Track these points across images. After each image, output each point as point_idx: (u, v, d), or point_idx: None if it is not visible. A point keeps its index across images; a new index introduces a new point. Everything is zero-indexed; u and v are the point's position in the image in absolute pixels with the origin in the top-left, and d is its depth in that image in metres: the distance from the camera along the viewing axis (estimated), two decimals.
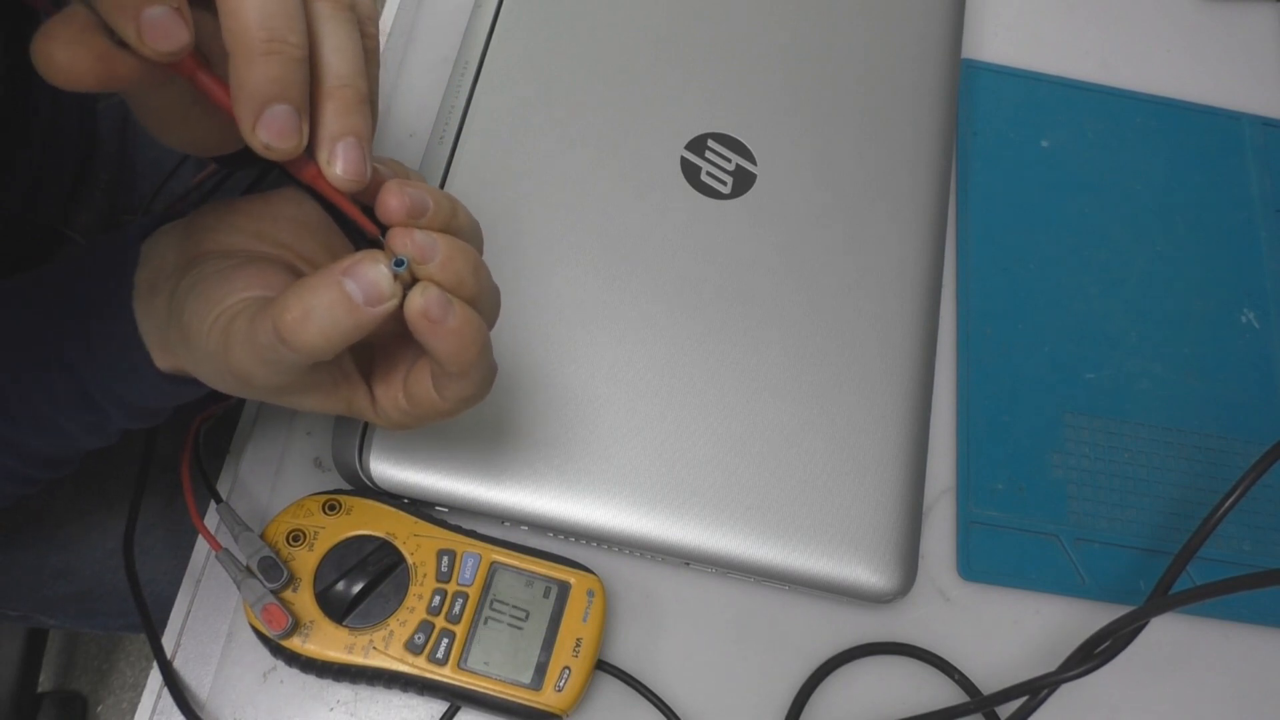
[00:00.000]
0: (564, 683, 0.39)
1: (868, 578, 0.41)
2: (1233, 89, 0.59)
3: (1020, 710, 0.40)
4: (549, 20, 0.48)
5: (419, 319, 0.28)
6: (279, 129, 0.26)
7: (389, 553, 0.40)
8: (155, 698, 0.40)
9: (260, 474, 0.44)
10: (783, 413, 0.43)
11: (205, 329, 0.30)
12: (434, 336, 0.28)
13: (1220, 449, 0.50)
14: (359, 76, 0.28)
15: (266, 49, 0.25)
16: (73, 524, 0.58)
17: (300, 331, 0.27)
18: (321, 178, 0.28)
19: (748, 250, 0.45)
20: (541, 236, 0.44)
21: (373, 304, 0.27)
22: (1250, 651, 0.46)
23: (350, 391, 0.32)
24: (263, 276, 0.31)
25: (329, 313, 0.26)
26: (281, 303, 0.27)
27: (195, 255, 0.33)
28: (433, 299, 0.28)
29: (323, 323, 0.26)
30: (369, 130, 0.28)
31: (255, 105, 0.26)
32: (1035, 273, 0.52)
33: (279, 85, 0.26)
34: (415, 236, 0.28)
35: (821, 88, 0.49)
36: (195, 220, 0.34)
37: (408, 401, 0.32)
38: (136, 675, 1.10)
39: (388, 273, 0.27)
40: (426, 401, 0.31)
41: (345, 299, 0.26)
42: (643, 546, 0.41)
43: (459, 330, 0.28)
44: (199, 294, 0.31)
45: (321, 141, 0.28)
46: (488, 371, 0.31)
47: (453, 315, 0.28)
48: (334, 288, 0.27)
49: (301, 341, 0.27)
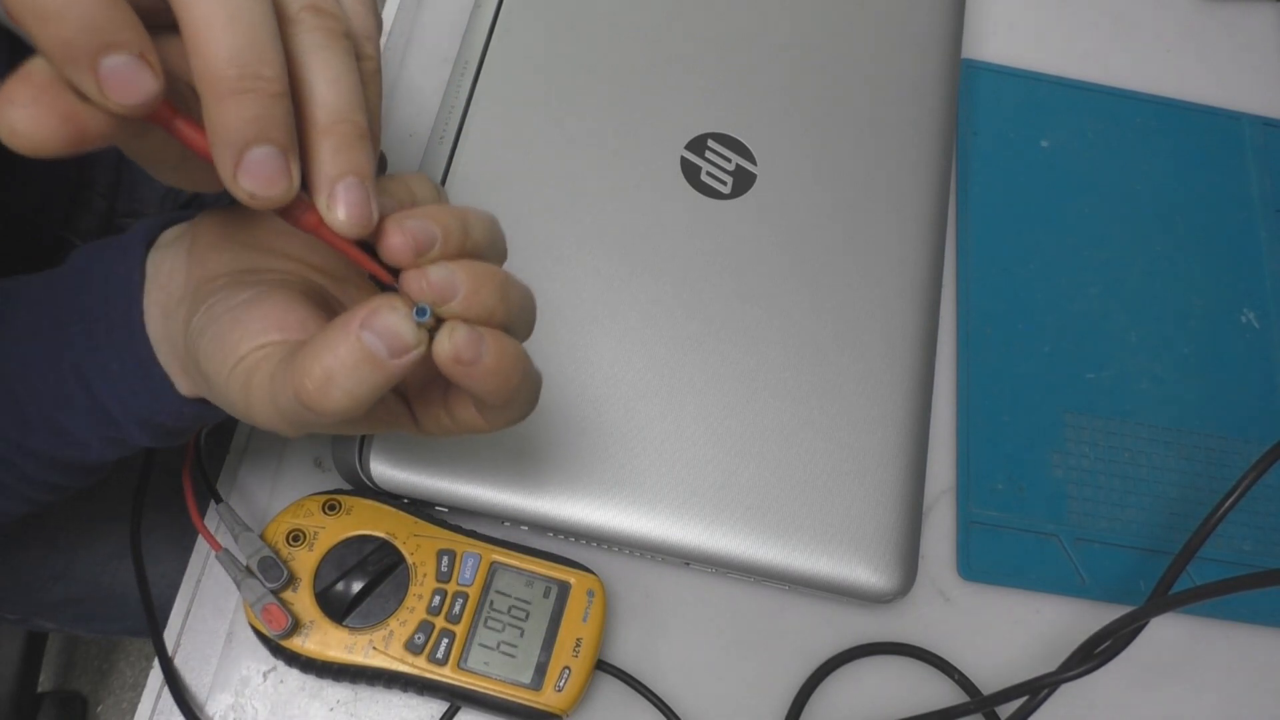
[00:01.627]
0: (564, 683, 0.39)
1: (868, 578, 0.41)
2: (1233, 89, 0.59)
3: (1020, 710, 0.40)
4: (549, 20, 0.48)
5: (452, 366, 0.26)
6: (263, 175, 0.24)
7: (389, 553, 0.40)
8: (155, 698, 0.40)
9: (260, 474, 0.44)
10: (783, 413, 0.43)
11: (224, 380, 0.28)
12: (471, 379, 0.26)
13: (1220, 449, 0.50)
14: (355, 109, 0.26)
15: (238, 86, 0.23)
16: (71, 528, 0.58)
17: (324, 400, 0.25)
18: (323, 225, 0.26)
19: (748, 250, 0.45)
20: (541, 236, 0.44)
21: (398, 355, 0.25)
22: (1250, 651, 0.46)
23: (390, 416, 0.31)
24: (277, 315, 0.28)
25: (353, 374, 0.24)
26: (301, 368, 0.25)
27: (203, 280, 0.30)
28: (462, 342, 0.25)
29: (347, 385, 0.24)
30: (371, 167, 0.26)
31: (233, 150, 0.24)
32: (1035, 273, 0.52)
33: (256, 126, 0.23)
34: (431, 277, 0.25)
35: (822, 88, 0.49)
36: (198, 235, 0.32)
37: (452, 423, 0.30)
38: (136, 675, 1.10)
39: (410, 320, 0.25)
40: (473, 424, 0.29)
41: (368, 356, 0.24)
42: (643, 546, 0.41)
43: (496, 367, 0.26)
44: (212, 339, 0.28)
45: (319, 185, 0.25)
46: (532, 393, 0.29)
47: (487, 353, 0.26)
48: (353, 345, 0.24)
49: (326, 408, 0.25)
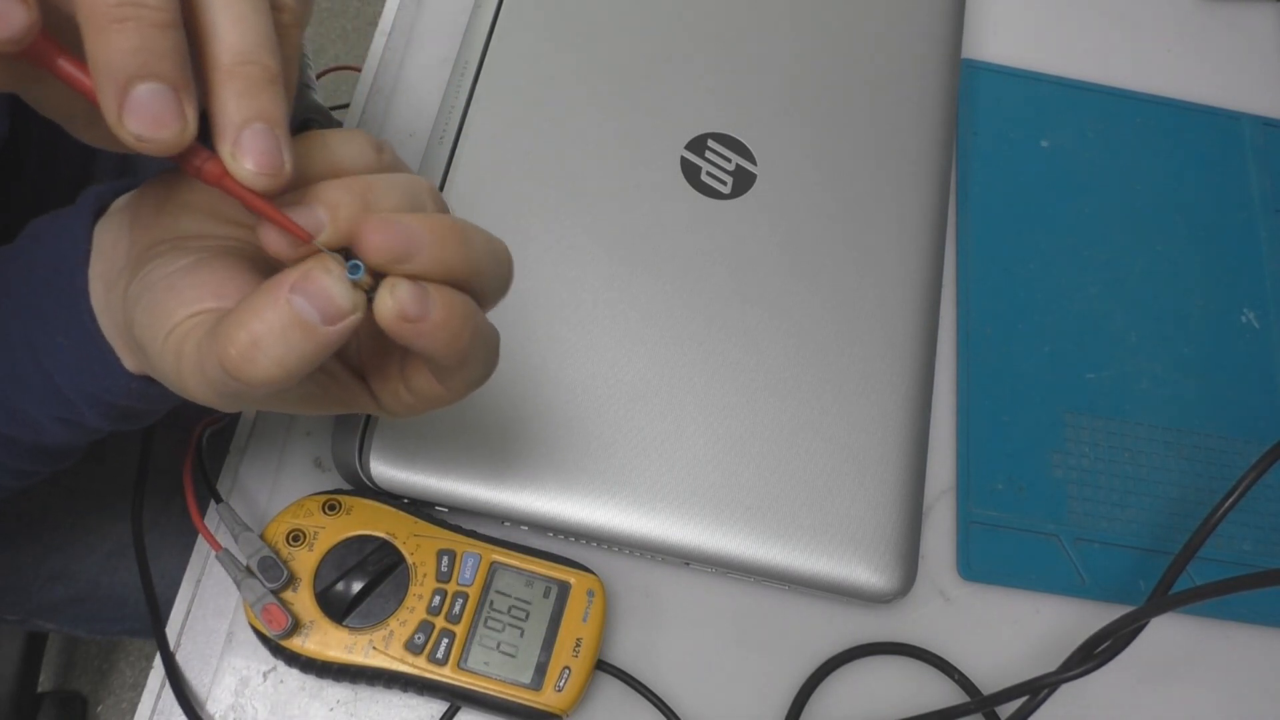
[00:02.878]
0: (564, 683, 0.39)
1: (868, 578, 0.41)
2: (1233, 89, 0.59)
3: (1020, 710, 0.40)
4: (549, 20, 0.48)
5: (397, 324, 0.24)
6: (150, 115, 0.21)
7: (389, 553, 0.40)
8: (155, 697, 0.40)
9: (260, 474, 0.44)
10: (783, 413, 0.43)
11: (159, 350, 0.26)
12: (417, 337, 0.24)
13: (1220, 449, 0.50)
14: (263, 51, 0.23)
15: (118, 15, 0.21)
16: (70, 528, 0.58)
17: (250, 367, 0.23)
18: (228, 177, 0.23)
19: (748, 250, 0.45)
20: (541, 236, 0.44)
21: (332, 321, 0.23)
22: (1250, 651, 0.46)
23: (344, 393, 0.29)
24: (215, 281, 0.26)
25: (281, 341, 0.22)
26: (226, 335, 0.23)
27: (145, 247, 0.28)
28: (406, 298, 0.23)
29: (276, 353, 0.22)
30: (283, 115, 0.24)
31: (116, 87, 0.21)
32: (1035, 273, 0.52)
33: (139, 58, 0.21)
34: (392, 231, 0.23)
35: (822, 88, 0.49)
36: (143, 199, 0.29)
37: (411, 395, 0.28)
38: (136, 675, 1.10)
39: (345, 283, 0.23)
40: (431, 393, 0.28)
41: (298, 321, 0.22)
42: (643, 546, 0.41)
43: (444, 323, 0.24)
44: (146, 307, 0.26)
45: (223, 131, 0.23)
46: (487, 350, 0.27)
47: (434, 307, 0.24)
48: (282, 310, 0.22)
49: (254, 377, 0.23)
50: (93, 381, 0.31)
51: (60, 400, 0.32)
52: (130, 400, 0.32)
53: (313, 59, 1.43)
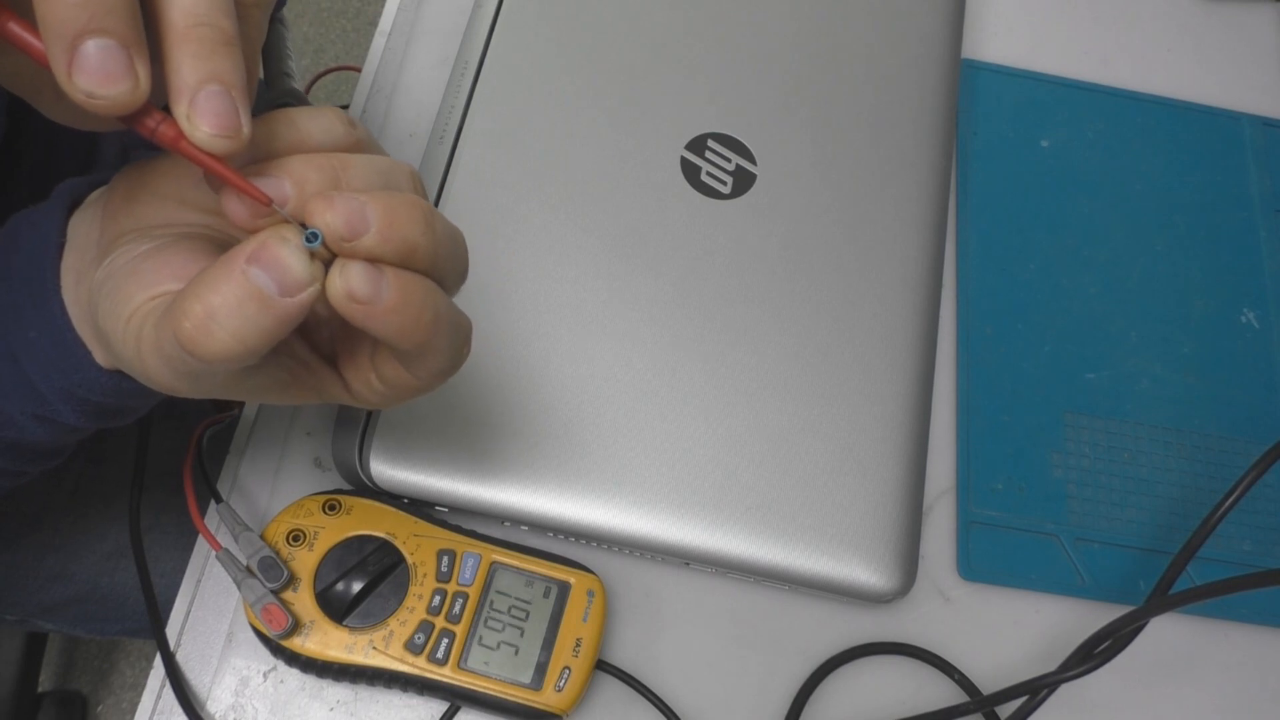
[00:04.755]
0: (564, 683, 0.39)
1: (868, 578, 0.41)
2: (1233, 89, 0.59)
3: (1020, 710, 0.40)
4: (549, 20, 0.48)
5: (347, 305, 0.23)
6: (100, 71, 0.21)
7: (389, 553, 0.40)
8: (155, 697, 0.40)
9: (260, 474, 0.44)
10: (783, 413, 0.43)
11: (120, 336, 0.25)
12: (371, 320, 0.23)
13: (1220, 449, 0.50)
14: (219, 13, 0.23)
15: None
16: (69, 528, 0.58)
17: (205, 341, 0.22)
18: (184, 139, 0.22)
19: (748, 250, 0.45)
20: (541, 236, 0.44)
21: (289, 293, 0.22)
22: (1250, 651, 0.46)
23: (316, 381, 0.28)
24: (177, 263, 0.25)
25: (238, 313, 0.22)
26: (181, 308, 0.22)
27: (114, 236, 0.28)
28: (356, 278, 0.23)
29: (232, 326, 0.22)
30: (239, 78, 0.23)
31: (64, 44, 0.21)
32: (1035, 273, 0.52)
33: (86, 13, 0.20)
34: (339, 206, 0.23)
35: (822, 88, 0.49)
36: (114, 190, 0.29)
37: (382, 384, 0.27)
38: (136, 675, 1.10)
39: (302, 253, 0.22)
40: (401, 382, 0.27)
41: (255, 293, 0.22)
42: (643, 546, 0.41)
43: (399, 307, 0.23)
44: (108, 293, 0.26)
45: (179, 93, 0.22)
46: (451, 338, 0.26)
47: (387, 290, 0.23)
48: (238, 281, 0.22)
49: (210, 352, 0.22)
50: (65, 377, 0.31)
51: (36, 397, 0.32)
52: (104, 396, 0.31)
53: (312, 59, 1.43)
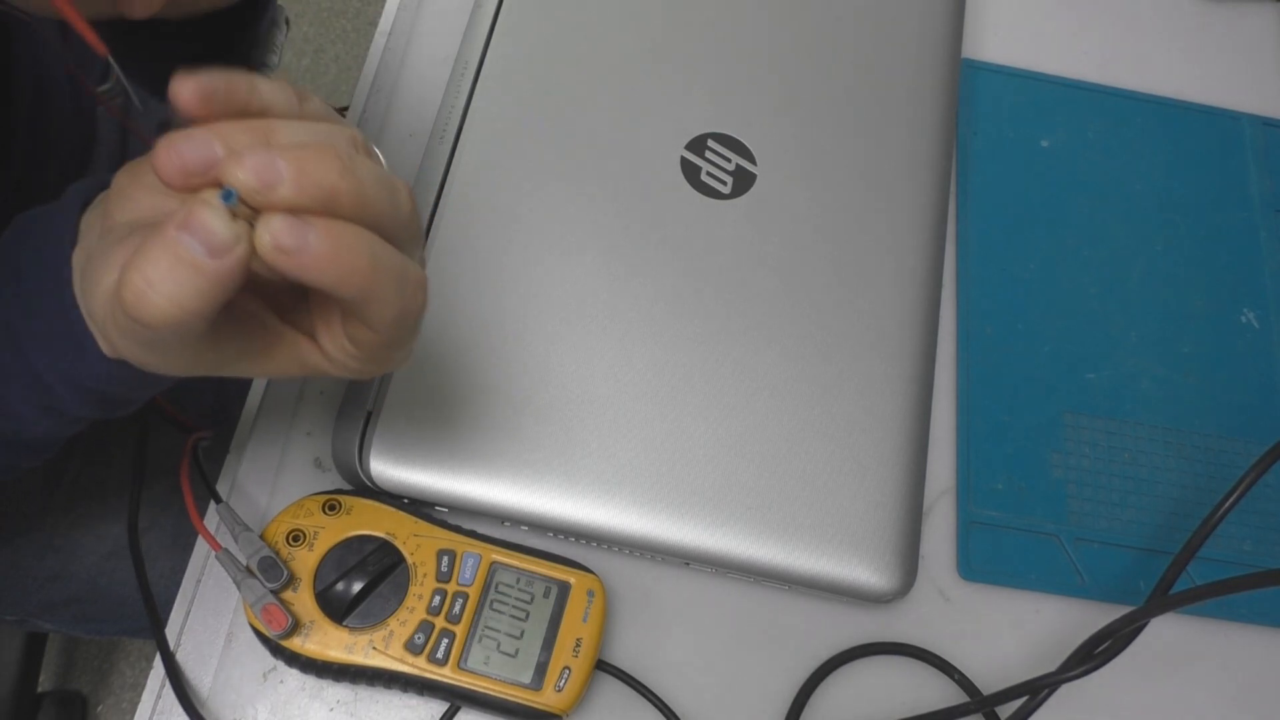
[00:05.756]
0: (564, 683, 0.39)
1: (868, 578, 0.41)
2: (1233, 89, 0.59)
3: (1020, 710, 0.40)
4: (549, 20, 0.48)
5: (273, 255, 0.23)
6: None
7: (389, 553, 0.40)
8: (155, 697, 0.40)
9: (260, 474, 0.44)
10: (783, 413, 0.43)
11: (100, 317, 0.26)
12: (305, 270, 0.24)
13: (1220, 449, 0.50)
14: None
15: None
16: (69, 529, 0.58)
17: (145, 307, 0.23)
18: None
19: (748, 250, 0.45)
20: (541, 236, 0.44)
21: (217, 255, 0.23)
22: (1250, 651, 0.46)
23: (291, 350, 0.29)
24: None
25: (171, 279, 0.23)
26: (123, 279, 0.23)
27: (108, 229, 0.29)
28: (277, 228, 0.23)
29: (167, 291, 0.23)
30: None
31: None
32: (1035, 272, 0.52)
33: None
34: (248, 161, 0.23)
35: (822, 88, 0.49)
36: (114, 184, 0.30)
37: (352, 345, 0.28)
38: (136, 675, 1.10)
39: (224, 215, 0.23)
40: (367, 340, 0.27)
41: (185, 258, 0.23)
42: (643, 546, 0.41)
43: (330, 254, 0.24)
44: (87, 275, 0.27)
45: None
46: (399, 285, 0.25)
47: (314, 238, 0.23)
48: (169, 247, 0.23)
49: (151, 317, 0.23)
50: (72, 366, 0.32)
51: (42, 388, 0.33)
52: (108, 384, 0.32)
53: (312, 59, 1.43)
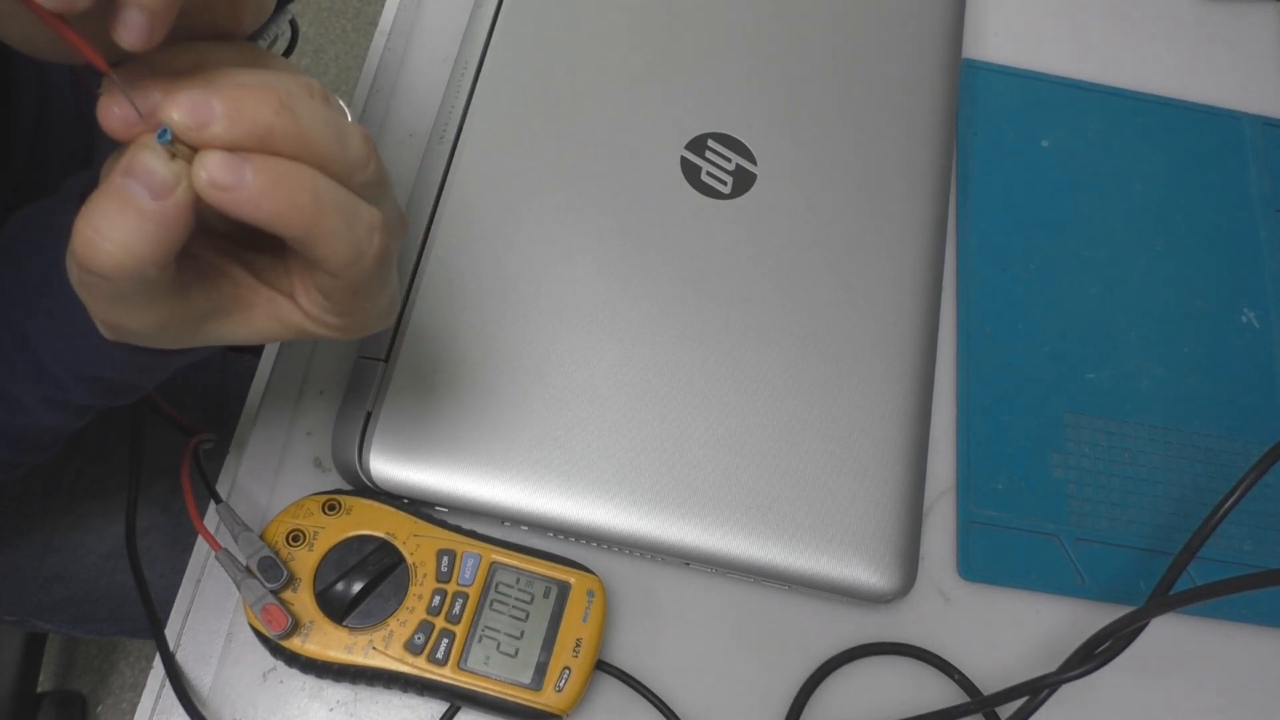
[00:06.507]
0: (564, 683, 0.39)
1: (868, 578, 0.41)
2: (1233, 89, 0.59)
3: (1020, 710, 0.40)
4: (549, 20, 0.48)
5: (212, 193, 0.23)
6: None
7: (389, 553, 0.40)
8: (155, 697, 0.40)
9: (260, 474, 0.44)
10: (783, 412, 0.43)
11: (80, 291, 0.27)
12: (245, 207, 0.23)
13: (1220, 449, 0.50)
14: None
15: None
16: (69, 529, 0.58)
17: (96, 254, 0.23)
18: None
19: (748, 250, 0.45)
20: (541, 236, 0.44)
21: (159, 196, 0.23)
22: (1250, 651, 0.46)
23: (270, 308, 0.28)
24: None
25: (118, 224, 0.23)
26: (74, 230, 0.23)
27: None
28: (211, 164, 0.23)
29: (116, 236, 0.23)
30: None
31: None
32: (1035, 272, 0.52)
33: None
34: (181, 99, 0.23)
35: (822, 88, 0.49)
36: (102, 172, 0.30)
37: (323, 296, 0.27)
38: (136, 675, 1.10)
39: (160, 153, 0.23)
40: (334, 289, 0.27)
41: (130, 202, 0.23)
42: (643, 546, 0.41)
43: (268, 189, 0.23)
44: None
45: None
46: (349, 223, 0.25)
47: (251, 174, 0.23)
48: (114, 195, 0.23)
49: (103, 264, 0.23)
50: (76, 355, 0.32)
51: (47, 379, 0.33)
52: (112, 371, 0.32)
53: (312, 59, 1.42)
